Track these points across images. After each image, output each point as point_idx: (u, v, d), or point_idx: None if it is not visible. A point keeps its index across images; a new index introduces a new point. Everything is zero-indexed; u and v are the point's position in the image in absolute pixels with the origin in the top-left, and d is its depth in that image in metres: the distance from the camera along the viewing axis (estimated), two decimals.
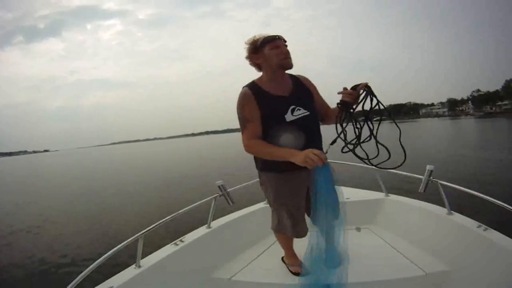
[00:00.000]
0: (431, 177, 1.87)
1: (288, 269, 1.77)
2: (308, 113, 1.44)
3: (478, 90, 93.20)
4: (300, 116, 1.41)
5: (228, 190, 2.13)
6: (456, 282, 1.52)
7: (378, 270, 1.67)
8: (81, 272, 1.30)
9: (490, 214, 2.00)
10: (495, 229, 1.54)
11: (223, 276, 1.78)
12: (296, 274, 1.71)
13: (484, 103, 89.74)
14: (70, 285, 1.22)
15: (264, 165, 1.53)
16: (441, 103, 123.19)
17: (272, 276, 1.75)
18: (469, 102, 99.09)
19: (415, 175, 1.96)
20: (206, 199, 2.03)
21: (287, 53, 1.40)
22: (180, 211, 1.86)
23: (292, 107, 1.41)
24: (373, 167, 1.41)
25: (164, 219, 1.76)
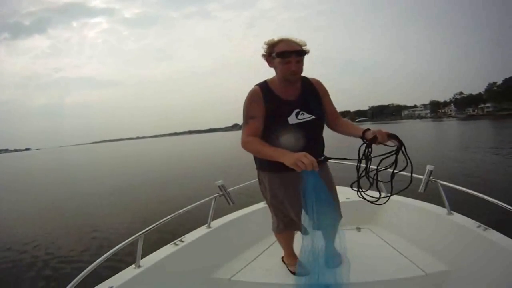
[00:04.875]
0: (431, 177, 1.88)
1: (288, 269, 1.77)
2: (313, 117, 1.43)
3: (461, 93, 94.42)
4: (304, 120, 1.42)
5: (228, 190, 2.12)
6: (456, 282, 1.53)
7: (378, 270, 1.67)
8: (81, 272, 1.29)
9: (490, 214, 2.02)
10: (495, 229, 1.55)
11: (223, 276, 1.77)
12: (295, 273, 1.70)
13: (466, 106, 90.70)
14: (70, 285, 1.21)
15: (261, 164, 1.57)
16: (424, 105, 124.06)
17: (272, 276, 1.75)
18: (452, 104, 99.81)
19: (415, 175, 1.97)
20: (206, 199, 2.02)
21: (295, 71, 1.37)
22: (180, 211, 1.85)
23: (297, 110, 1.42)
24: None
25: (164, 219, 1.75)
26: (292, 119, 1.41)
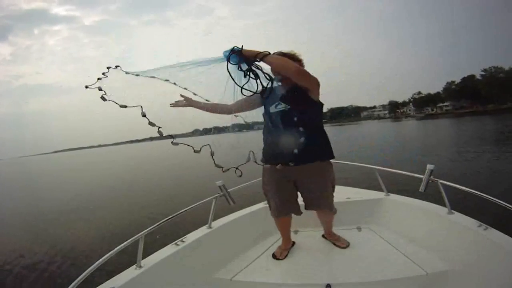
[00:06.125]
0: (431, 177, 1.87)
1: (274, 253, 1.95)
2: (287, 108, 1.63)
3: (419, 93, 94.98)
4: (279, 110, 1.65)
5: (229, 190, 2.11)
6: (457, 282, 1.53)
7: (379, 270, 1.67)
8: (82, 273, 1.28)
9: (491, 213, 2.02)
10: (495, 228, 1.55)
11: (224, 276, 1.77)
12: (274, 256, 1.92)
13: (425, 105, 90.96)
14: (71, 286, 1.20)
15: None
16: (383, 105, 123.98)
17: (273, 276, 1.75)
18: (410, 104, 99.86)
19: (415, 175, 1.95)
20: (206, 199, 2.01)
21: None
22: (180, 211, 1.84)
23: (277, 102, 1.65)
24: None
25: (164, 219, 1.74)
26: (272, 109, 1.66)
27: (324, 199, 1.83)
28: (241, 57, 1.43)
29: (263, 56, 1.42)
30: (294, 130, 1.61)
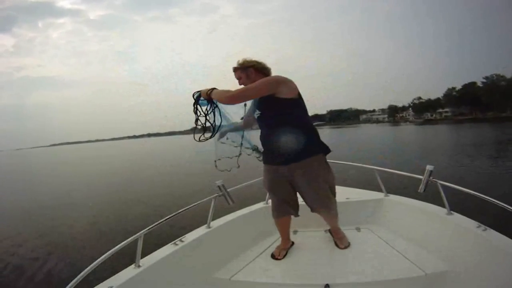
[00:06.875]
0: (430, 177, 1.88)
1: (273, 253, 1.95)
2: (260, 113, 1.79)
3: (419, 98, 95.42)
4: (257, 116, 1.82)
5: (228, 190, 2.11)
6: (455, 282, 1.53)
7: (378, 270, 1.67)
8: (80, 272, 1.27)
9: (490, 214, 2.02)
10: (494, 229, 1.55)
11: (223, 276, 1.76)
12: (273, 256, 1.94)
13: (424, 110, 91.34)
14: (70, 285, 1.19)
15: None
16: (382, 109, 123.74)
17: (272, 276, 1.74)
18: (410, 109, 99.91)
19: (415, 175, 1.96)
20: (205, 199, 2.01)
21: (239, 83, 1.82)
22: (179, 211, 1.84)
23: (256, 110, 1.82)
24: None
25: (164, 219, 1.74)
26: (256, 115, 1.82)
27: (319, 198, 1.81)
28: (203, 99, 1.68)
29: (210, 93, 1.64)
30: (274, 132, 1.72)
